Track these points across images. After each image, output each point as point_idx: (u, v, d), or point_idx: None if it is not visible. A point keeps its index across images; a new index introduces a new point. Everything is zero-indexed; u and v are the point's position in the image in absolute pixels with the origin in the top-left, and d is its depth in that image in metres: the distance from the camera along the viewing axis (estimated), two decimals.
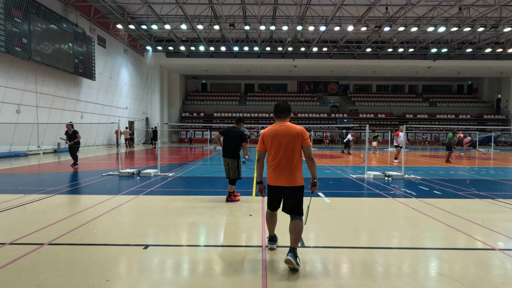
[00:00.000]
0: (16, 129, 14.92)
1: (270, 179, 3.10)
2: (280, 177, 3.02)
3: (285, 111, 3.13)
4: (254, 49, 28.63)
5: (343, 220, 4.51)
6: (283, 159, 3.00)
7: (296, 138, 2.99)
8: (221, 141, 5.80)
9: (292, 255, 2.83)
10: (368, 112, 38.20)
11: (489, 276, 2.82)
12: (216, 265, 3.00)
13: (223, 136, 5.75)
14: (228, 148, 5.64)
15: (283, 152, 3.00)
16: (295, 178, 3.01)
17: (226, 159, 5.64)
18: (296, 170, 3.02)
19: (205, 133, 34.23)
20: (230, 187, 5.65)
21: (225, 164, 5.67)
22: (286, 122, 3.11)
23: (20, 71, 14.86)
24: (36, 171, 10.02)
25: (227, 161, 5.63)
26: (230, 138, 5.65)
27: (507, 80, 36.09)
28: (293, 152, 3.01)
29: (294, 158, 3.02)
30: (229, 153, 5.62)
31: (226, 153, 5.65)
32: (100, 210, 4.94)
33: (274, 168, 3.05)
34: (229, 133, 5.68)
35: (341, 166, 11.82)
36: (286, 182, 3.01)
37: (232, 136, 5.64)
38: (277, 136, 3.02)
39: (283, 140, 3.00)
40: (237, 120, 5.81)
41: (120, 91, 25.29)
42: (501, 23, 21.15)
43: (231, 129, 5.72)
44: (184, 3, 19.50)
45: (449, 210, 5.12)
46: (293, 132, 3.00)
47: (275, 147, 3.02)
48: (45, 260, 3.05)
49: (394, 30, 23.57)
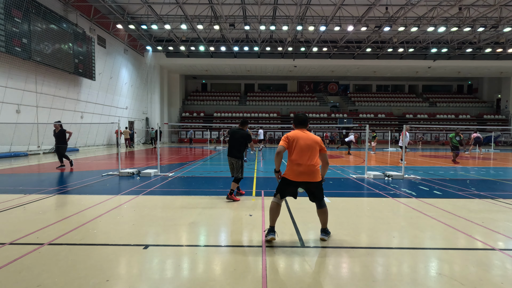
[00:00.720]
0: (16, 129, 14.92)
1: (292, 174, 3.58)
2: (302, 174, 3.53)
3: (304, 122, 3.78)
4: (254, 49, 28.63)
5: (343, 220, 4.51)
6: (307, 159, 3.54)
7: (316, 144, 3.60)
8: None
9: (325, 234, 3.69)
10: (368, 112, 38.20)
11: (489, 276, 2.82)
12: (216, 265, 3.00)
13: (229, 136, 5.94)
14: (233, 148, 5.81)
15: (307, 152, 3.55)
16: (317, 175, 3.59)
17: (231, 159, 5.82)
18: (317, 168, 3.59)
19: (205, 133, 34.23)
20: (233, 184, 5.74)
21: (230, 163, 5.86)
22: (306, 130, 3.76)
23: (20, 71, 14.86)
24: (36, 171, 10.02)
25: (232, 160, 5.81)
26: (235, 139, 5.83)
27: (507, 80, 36.10)
28: (315, 154, 3.59)
29: (315, 159, 3.60)
30: (233, 153, 5.79)
31: (230, 152, 5.84)
32: (100, 210, 4.94)
33: (298, 165, 3.55)
34: (235, 135, 5.85)
35: (341, 166, 11.82)
36: (310, 178, 3.55)
37: (238, 138, 5.82)
38: (301, 139, 3.59)
39: (307, 142, 3.58)
40: (242, 123, 6.01)
41: (120, 91, 25.29)
42: (501, 23, 21.15)
43: (237, 130, 5.88)
44: (184, 3, 19.50)
45: (449, 210, 5.12)
46: (313, 138, 3.63)
47: (300, 147, 3.56)
48: (45, 260, 3.05)
49: (394, 30, 23.57)
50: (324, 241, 3.62)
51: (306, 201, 5.60)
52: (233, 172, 5.81)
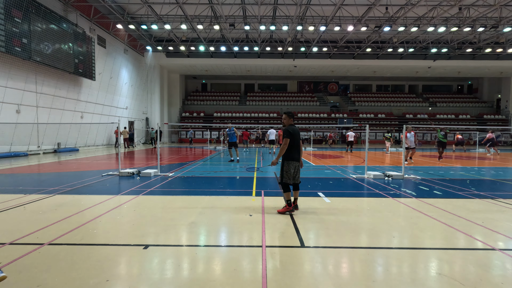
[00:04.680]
0: (16, 129, 14.92)
1: None
2: None
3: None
4: (254, 49, 28.62)
5: (343, 220, 4.51)
6: None
7: None
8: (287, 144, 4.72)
9: None
10: (368, 112, 38.19)
11: (489, 276, 2.82)
12: (216, 265, 3.00)
13: (290, 138, 4.72)
14: (298, 148, 4.87)
15: None
16: None
17: (296, 163, 4.79)
18: None
19: (205, 133, 34.23)
20: (295, 193, 4.92)
21: (294, 167, 4.76)
22: None
23: (20, 71, 14.86)
24: (36, 171, 10.02)
25: (296, 164, 4.79)
26: (298, 137, 4.85)
27: (507, 80, 36.09)
28: None
29: None
30: (299, 154, 4.85)
31: (296, 154, 4.80)
32: (100, 210, 4.94)
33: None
34: (297, 132, 4.85)
35: (341, 166, 11.82)
36: None
37: (299, 135, 4.89)
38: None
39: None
40: (291, 115, 4.97)
41: (120, 91, 25.29)
42: (501, 23, 21.15)
43: (296, 128, 4.88)
44: (184, 3, 19.49)
45: (449, 210, 5.12)
46: None
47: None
48: (45, 260, 3.05)
49: (394, 30, 23.56)
50: None
51: (306, 201, 5.61)
52: (296, 177, 4.78)
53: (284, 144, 4.72)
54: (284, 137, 4.75)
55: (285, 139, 4.73)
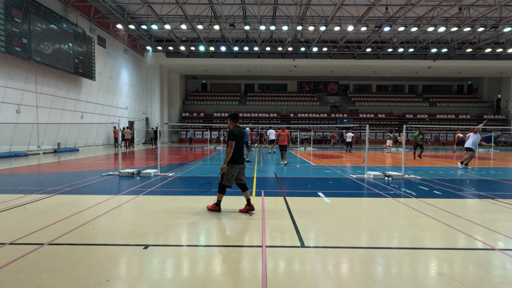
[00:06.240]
0: (16, 129, 14.92)
1: None
2: None
3: None
4: (254, 49, 28.63)
5: (343, 220, 4.51)
6: None
7: None
8: None
9: None
10: (368, 112, 38.19)
11: (489, 276, 2.82)
12: (216, 265, 3.00)
13: (235, 140, 4.78)
14: (242, 151, 5.01)
15: None
16: None
17: (240, 165, 4.95)
18: None
19: (205, 133, 34.23)
20: (246, 194, 4.97)
21: (237, 170, 4.90)
22: None
23: (20, 71, 14.86)
24: (36, 171, 10.02)
25: (240, 166, 4.94)
26: (242, 139, 5.03)
27: (507, 80, 36.10)
28: None
29: None
30: (242, 156, 5.03)
31: (240, 156, 4.93)
32: (100, 210, 4.94)
33: None
34: (242, 134, 4.97)
35: (341, 166, 11.82)
36: None
37: (243, 137, 5.08)
38: None
39: None
40: (234, 117, 5.06)
41: (120, 91, 25.29)
42: (501, 23, 21.16)
43: (241, 129, 4.98)
44: (184, 3, 19.49)
45: (449, 210, 5.12)
46: None
47: None
48: (45, 260, 3.05)
49: (394, 30, 23.57)
50: None
51: (306, 201, 5.61)
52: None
53: (229, 147, 4.63)
54: (229, 139, 4.65)
55: (230, 141, 4.64)
